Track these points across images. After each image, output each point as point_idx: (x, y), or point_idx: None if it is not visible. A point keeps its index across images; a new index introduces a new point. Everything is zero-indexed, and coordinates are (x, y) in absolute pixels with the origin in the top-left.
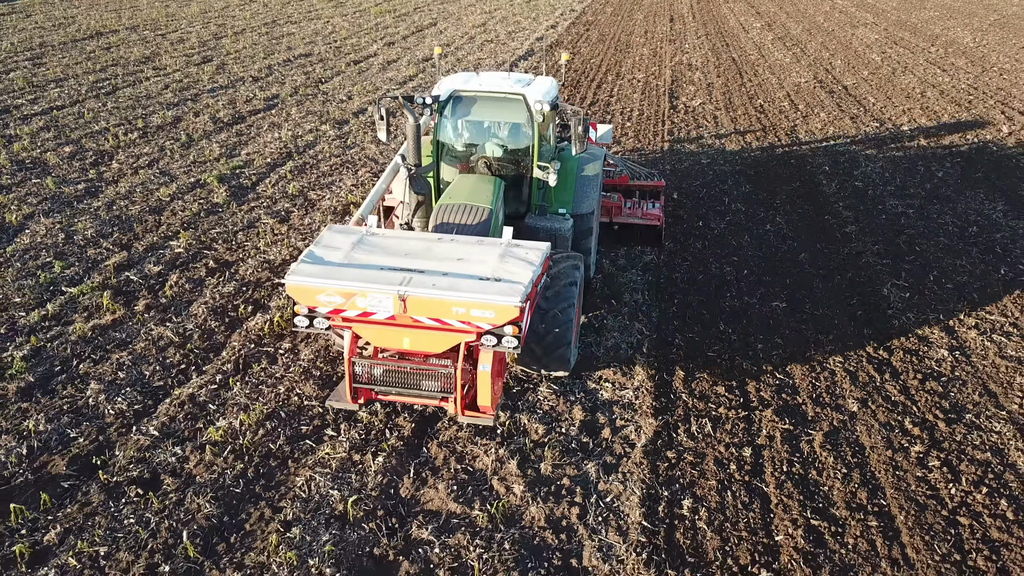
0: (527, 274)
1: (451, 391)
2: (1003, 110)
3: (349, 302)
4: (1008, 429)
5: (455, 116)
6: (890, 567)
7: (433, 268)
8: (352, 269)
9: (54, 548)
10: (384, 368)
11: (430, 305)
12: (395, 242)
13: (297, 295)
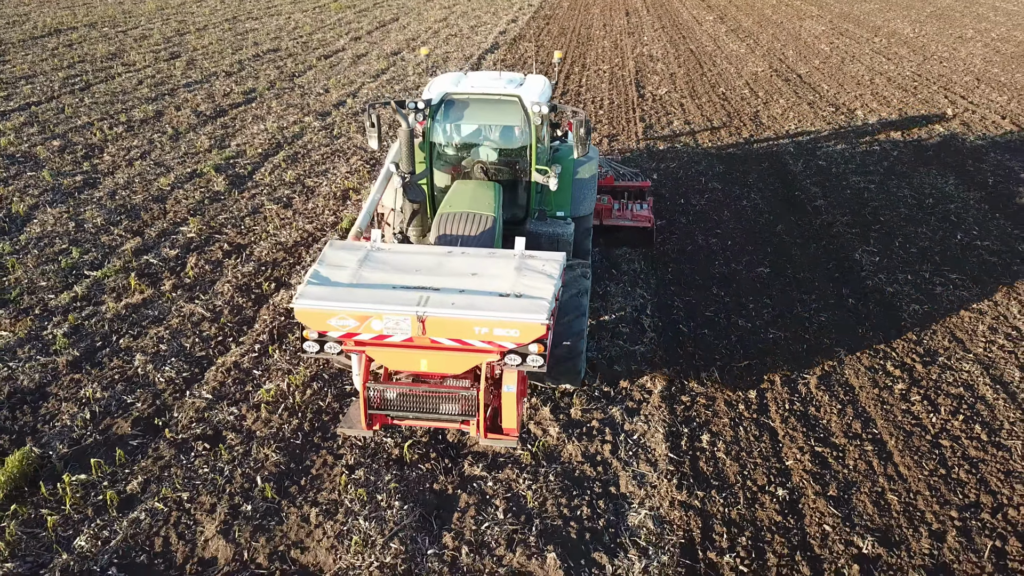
0: (549, 288)
1: (472, 414)
2: (946, 95)
3: (364, 325)
4: (976, 368)
5: (448, 120)
6: (887, 482)
7: (448, 285)
8: (363, 289)
9: (139, 495)
10: (400, 392)
11: (451, 325)
12: (403, 257)
13: (307, 320)
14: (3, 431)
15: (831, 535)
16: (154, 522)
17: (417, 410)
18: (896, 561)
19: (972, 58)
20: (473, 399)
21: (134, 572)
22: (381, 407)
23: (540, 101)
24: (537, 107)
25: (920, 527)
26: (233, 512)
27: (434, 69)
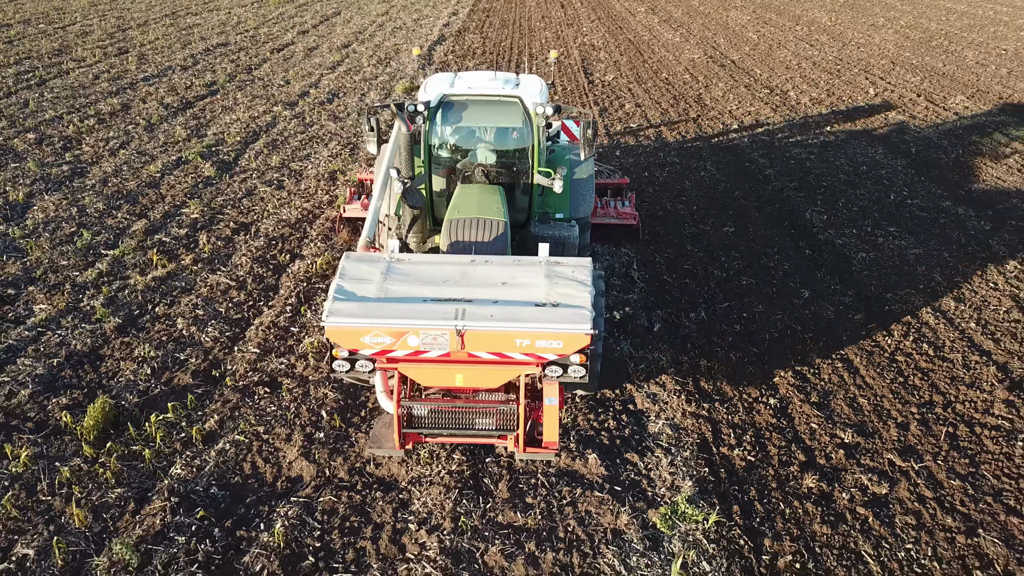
0: (586, 296)
1: (511, 428)
2: (867, 76)
3: (399, 341)
4: (919, 299)
5: (447, 122)
6: (857, 389)
7: (480, 296)
8: (394, 304)
9: (218, 432)
10: (435, 409)
11: (491, 338)
12: (426, 268)
13: (338, 338)
14: (73, 387)
15: (817, 431)
16: (239, 451)
17: (452, 427)
18: (872, 446)
19: (885, 44)
20: (512, 413)
21: (232, 490)
22: (415, 425)
23: (541, 102)
24: (541, 108)
25: (888, 421)
26: (308, 439)
27: (387, 61)
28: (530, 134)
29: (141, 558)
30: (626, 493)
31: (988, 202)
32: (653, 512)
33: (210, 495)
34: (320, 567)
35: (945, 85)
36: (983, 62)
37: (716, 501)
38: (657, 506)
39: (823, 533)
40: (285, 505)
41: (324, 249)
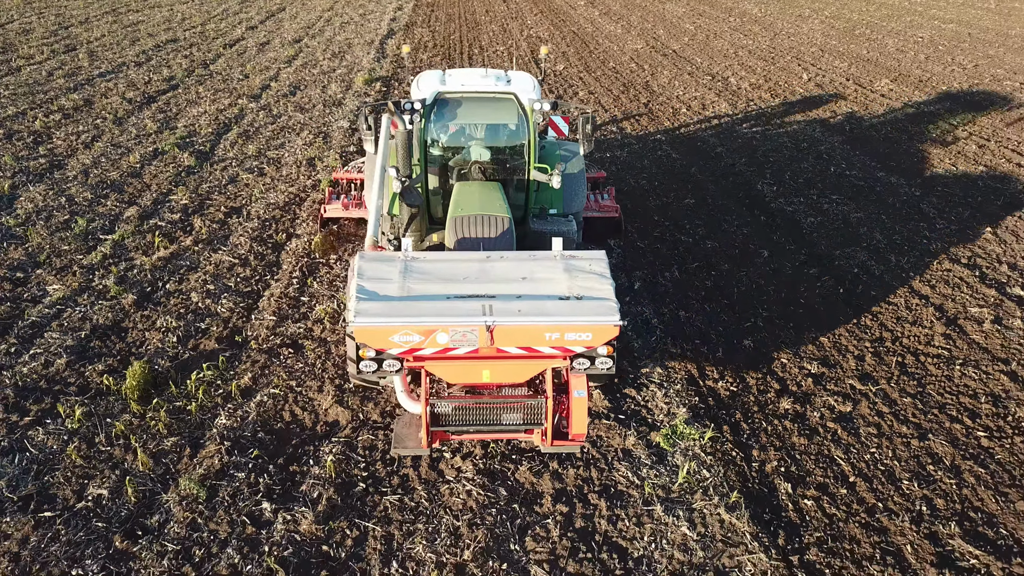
0: (608, 288)
1: (538, 422)
2: (799, 63)
3: (428, 339)
4: (863, 254)
5: (442, 120)
6: (818, 330)
7: (503, 292)
8: (420, 303)
9: (252, 387)
10: (462, 406)
11: (520, 333)
12: (444, 266)
13: (367, 338)
14: (105, 355)
15: (788, 364)
16: (276, 402)
17: (479, 423)
18: (835, 375)
19: (813, 33)
20: (540, 407)
21: (276, 434)
22: (442, 423)
23: (536, 98)
24: (539, 104)
25: (846, 354)
26: (339, 389)
27: (341, 55)
28: (525, 130)
29: (208, 491)
30: (630, 420)
31: (916, 172)
32: (655, 434)
33: (258, 439)
34: (370, 491)
35: (870, 70)
36: (903, 49)
37: (709, 422)
38: (658, 429)
39: (801, 443)
40: (328, 444)
41: (317, 229)
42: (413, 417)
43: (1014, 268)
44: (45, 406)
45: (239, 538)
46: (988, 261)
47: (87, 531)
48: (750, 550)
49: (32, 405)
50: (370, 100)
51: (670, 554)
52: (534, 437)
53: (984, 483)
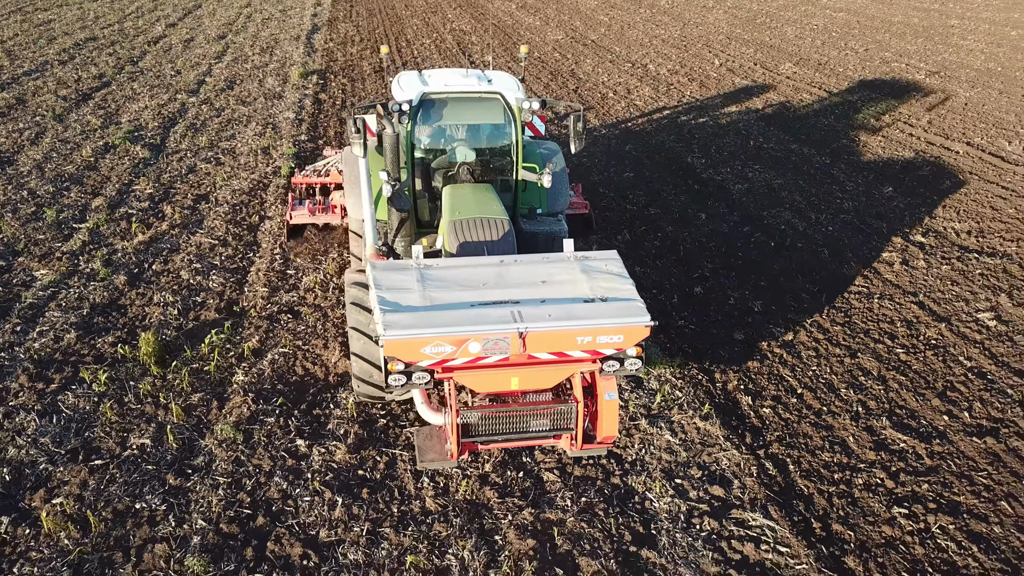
0: (631, 288)
1: (568, 427)
2: (709, 50)
3: (461, 349)
4: (787, 213)
5: (428, 122)
6: (757, 276)
7: (526, 296)
8: (447, 312)
9: (262, 349)
10: (490, 415)
11: (553, 338)
12: (459, 272)
13: (398, 351)
14: (111, 329)
15: (736, 304)
16: (287, 360)
17: (508, 431)
18: (777, 310)
19: (719, 22)
20: (570, 412)
21: (294, 386)
22: (471, 433)
23: (522, 97)
24: (528, 104)
25: (785, 294)
26: (344, 346)
27: (270, 50)
28: (512, 130)
29: (244, 435)
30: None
31: (824, 143)
32: None
33: (278, 390)
34: (391, 425)
35: (774, 55)
36: (800, 36)
37: (675, 353)
38: None
39: (754, 366)
40: (344, 391)
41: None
42: (434, 429)
43: (914, 218)
44: (67, 374)
45: (282, 469)
46: (893, 214)
47: (140, 473)
48: (724, 448)
49: (54, 374)
50: (359, 102)
51: (659, 456)
52: (562, 442)
53: (905, 387)
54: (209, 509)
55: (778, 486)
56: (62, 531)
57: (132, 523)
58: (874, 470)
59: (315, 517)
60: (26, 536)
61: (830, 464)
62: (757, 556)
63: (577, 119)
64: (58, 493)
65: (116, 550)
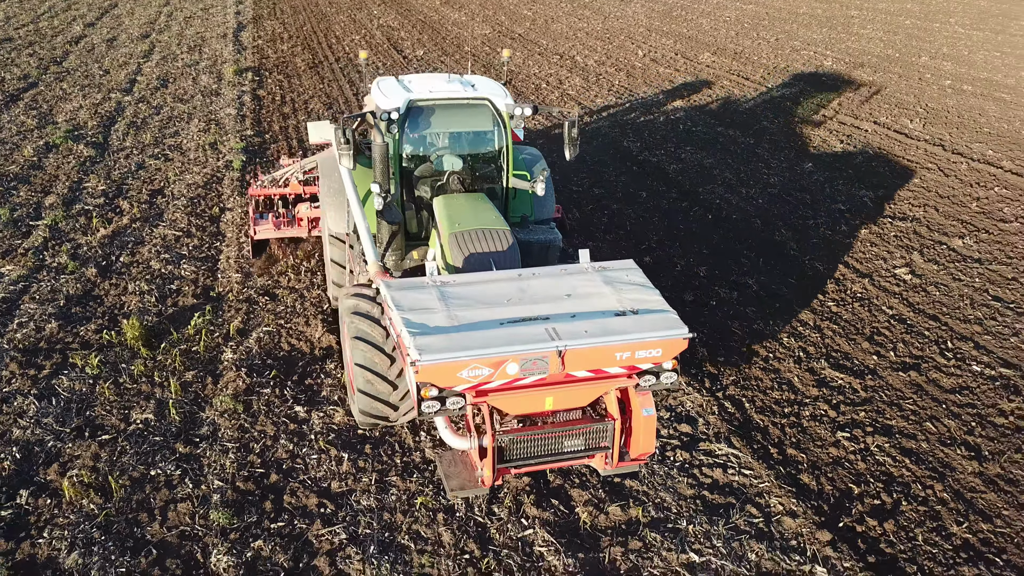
0: (660, 299)
1: (602, 446)
2: (632, 42)
3: (499, 371)
4: (720, 188)
5: (416, 130)
6: (699, 243)
7: (555, 312)
8: (479, 332)
9: (246, 328)
10: (524, 438)
11: (592, 355)
12: (479, 288)
13: (434, 376)
14: (91, 318)
15: (683, 270)
16: (272, 338)
17: (542, 454)
18: (721, 274)
19: (637, 15)
20: (606, 430)
21: (283, 360)
22: (505, 458)
23: (511, 102)
24: (519, 109)
25: (726, 258)
26: (325, 323)
27: (197, 48)
28: (502, 136)
29: (243, 405)
30: None
31: (748, 125)
32: None
33: (267, 364)
34: None
35: (693, 46)
36: (715, 27)
37: None
38: None
39: (705, 323)
40: (331, 363)
41: (247, 203)
42: (457, 454)
43: (833, 190)
44: (56, 361)
45: (286, 433)
46: (815, 187)
47: (149, 444)
48: (687, 392)
49: (43, 361)
50: (347, 112)
51: None
52: (594, 461)
53: (838, 334)
54: (223, 471)
55: (737, 421)
56: (84, 499)
57: (151, 488)
58: (818, 403)
59: (325, 472)
60: (48, 506)
61: (780, 401)
62: (725, 479)
63: (572, 125)
64: (72, 466)
65: (140, 511)
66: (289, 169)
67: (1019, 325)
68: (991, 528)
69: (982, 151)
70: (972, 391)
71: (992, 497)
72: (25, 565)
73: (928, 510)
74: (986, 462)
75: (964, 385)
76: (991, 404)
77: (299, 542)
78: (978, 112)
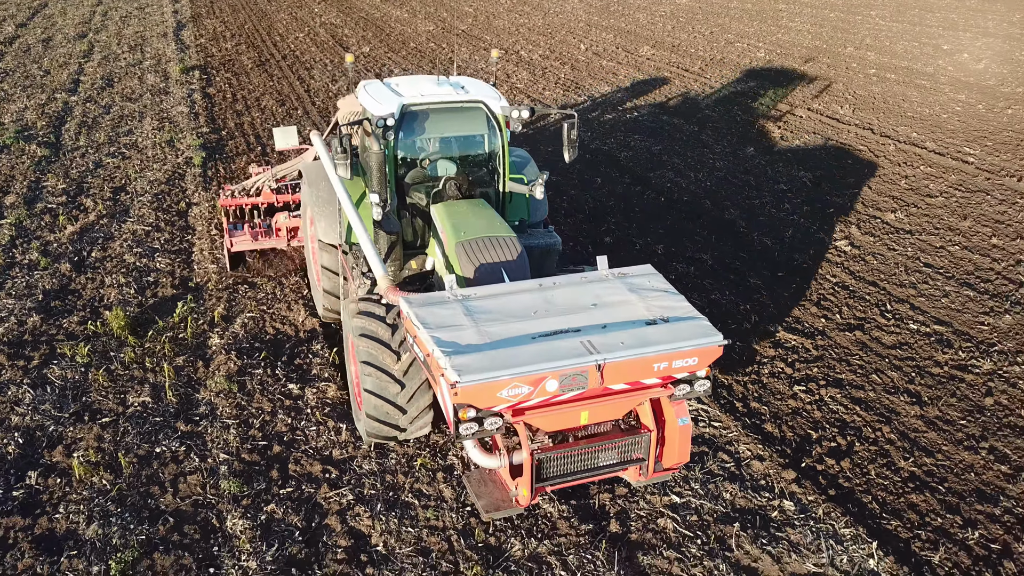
0: (687, 305)
1: (637, 458)
2: (573, 37)
3: (538, 388)
4: (670, 173)
5: (411, 135)
6: (655, 221)
7: (586, 323)
8: (514, 348)
9: (229, 315)
10: (559, 454)
11: (630, 367)
12: (503, 301)
13: (473, 397)
14: (72, 311)
15: (642, 249)
16: (257, 323)
17: (578, 470)
18: (678, 250)
19: (576, 11)
20: (642, 442)
21: (270, 343)
22: (543, 476)
23: (506, 104)
24: (516, 112)
25: (681, 236)
26: (307, 307)
27: (138, 48)
28: (497, 140)
29: (237, 385)
30: None
31: (691, 114)
32: None
33: (255, 347)
34: None
35: (633, 39)
36: (652, 21)
37: None
38: None
39: None
40: (317, 343)
41: (212, 196)
42: (485, 473)
43: (774, 172)
44: (44, 352)
45: (283, 408)
46: (757, 169)
47: (150, 425)
48: None
49: (31, 352)
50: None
51: None
52: (628, 473)
53: (787, 300)
54: (227, 445)
55: None
56: (93, 476)
57: (158, 463)
58: (775, 362)
59: (325, 442)
60: (59, 484)
61: (740, 360)
62: (696, 431)
63: (571, 127)
64: (77, 447)
65: (151, 485)
66: (260, 178)
67: (948, 287)
68: (933, 462)
69: (907, 133)
70: (910, 346)
71: (933, 435)
72: (45, 539)
73: (878, 449)
74: (926, 406)
75: (903, 341)
76: (927, 356)
77: (309, 504)
78: (901, 98)
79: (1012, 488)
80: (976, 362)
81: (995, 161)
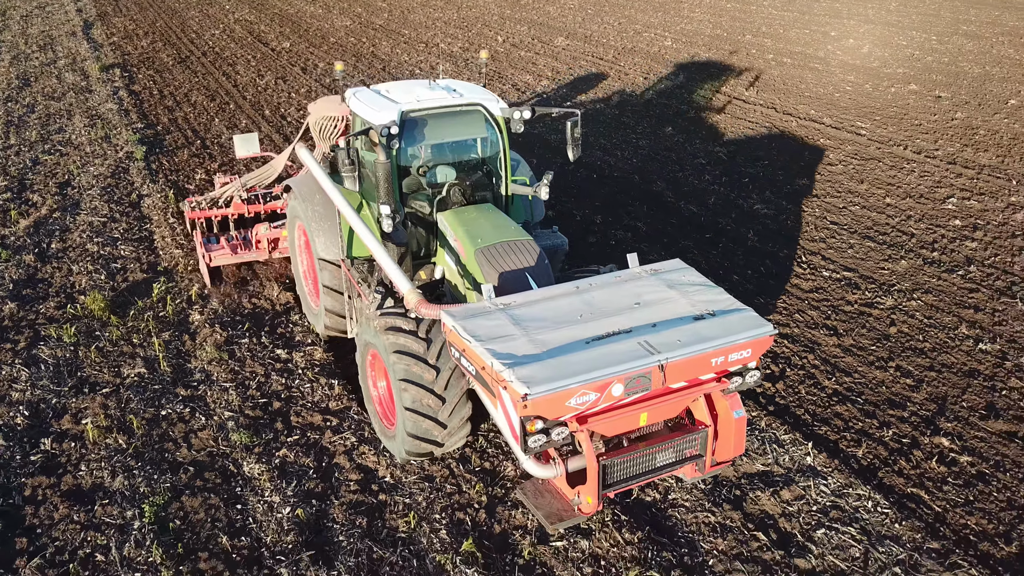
0: (729, 297)
1: (695, 455)
2: (490, 29)
3: (604, 394)
4: (599, 153)
5: (413, 143)
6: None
7: (635, 323)
8: (573, 355)
9: (207, 293)
10: (622, 459)
11: (690, 365)
12: (546, 307)
13: (545, 408)
14: (47, 298)
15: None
16: (235, 300)
17: (638, 472)
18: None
19: (489, 4)
20: (700, 438)
21: (251, 316)
22: (608, 482)
23: (505, 106)
24: (517, 113)
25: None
26: (282, 284)
27: (49, 47)
28: (498, 143)
29: (228, 353)
30: None
31: (610, 99)
32: None
33: (237, 320)
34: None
35: (547, 31)
36: (563, 14)
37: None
38: None
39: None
40: (295, 315)
41: (162, 188)
42: (539, 483)
43: (692, 147)
44: (29, 335)
45: (276, 371)
46: (677, 146)
47: (150, 392)
48: None
49: (16, 336)
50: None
51: None
52: (684, 469)
53: (715, 257)
54: (229, 404)
55: None
56: (107, 438)
57: (167, 424)
58: None
59: (320, 396)
60: (75, 447)
61: None
62: None
63: (574, 124)
64: (83, 416)
65: (165, 442)
66: (228, 188)
67: (852, 240)
68: (851, 380)
69: (807, 111)
70: (825, 289)
71: (850, 360)
72: (74, 493)
73: (806, 372)
74: (842, 336)
75: (818, 286)
76: (840, 297)
77: (316, 448)
78: (799, 80)
79: (916, 396)
80: (880, 300)
81: (883, 133)
